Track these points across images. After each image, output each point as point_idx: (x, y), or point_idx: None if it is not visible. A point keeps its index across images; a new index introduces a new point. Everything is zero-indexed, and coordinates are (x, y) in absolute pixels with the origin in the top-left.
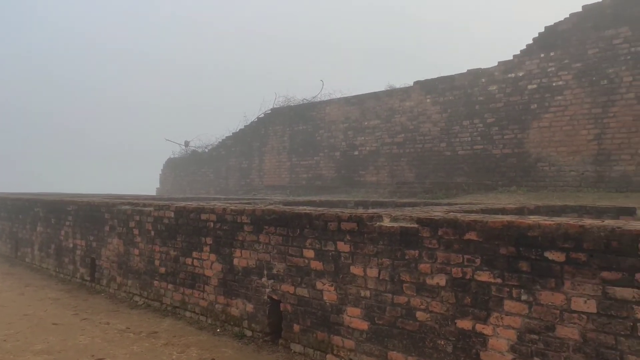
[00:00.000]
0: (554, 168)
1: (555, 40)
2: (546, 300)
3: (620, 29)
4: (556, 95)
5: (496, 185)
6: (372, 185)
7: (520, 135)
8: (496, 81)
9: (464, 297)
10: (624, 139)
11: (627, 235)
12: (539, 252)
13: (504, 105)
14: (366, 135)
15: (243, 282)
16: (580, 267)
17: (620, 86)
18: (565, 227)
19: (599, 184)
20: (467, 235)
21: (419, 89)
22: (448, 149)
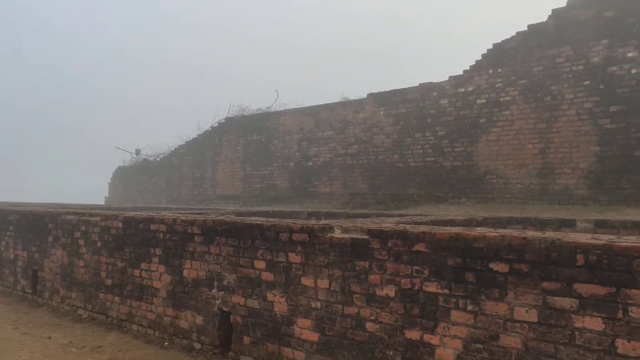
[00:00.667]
0: (502, 180)
1: (503, 57)
2: (491, 310)
3: (562, 49)
4: (504, 110)
5: (447, 197)
6: (326, 196)
7: (469, 148)
8: (447, 95)
9: (413, 307)
10: (566, 153)
11: (565, 246)
12: (485, 263)
13: (454, 119)
14: (320, 146)
15: (193, 293)
16: (523, 277)
17: (562, 103)
18: (509, 238)
19: (543, 197)
20: (416, 247)
21: (372, 101)
22: (400, 161)
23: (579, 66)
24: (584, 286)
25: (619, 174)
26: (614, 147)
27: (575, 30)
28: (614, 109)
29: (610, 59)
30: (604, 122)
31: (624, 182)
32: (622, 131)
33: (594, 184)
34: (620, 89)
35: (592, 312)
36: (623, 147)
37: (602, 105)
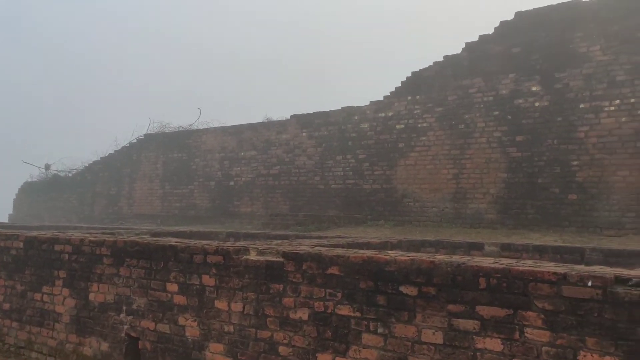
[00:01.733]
0: (418, 204)
1: (421, 85)
2: (400, 333)
3: (474, 80)
4: (421, 136)
5: (366, 219)
6: (247, 216)
7: (388, 171)
8: (368, 119)
9: (325, 330)
10: (478, 179)
11: (469, 270)
12: (395, 287)
13: (374, 143)
14: (242, 166)
15: (99, 318)
16: (431, 300)
17: (475, 131)
18: (418, 262)
19: (456, 220)
20: (330, 270)
21: (295, 122)
22: (322, 183)
23: (489, 97)
24: (485, 308)
25: (524, 200)
26: (520, 175)
27: (486, 64)
28: (520, 138)
29: (517, 92)
30: (511, 150)
31: (528, 207)
32: (527, 159)
33: (502, 208)
34: (526, 120)
35: (492, 333)
36: (528, 175)
37: (509, 134)
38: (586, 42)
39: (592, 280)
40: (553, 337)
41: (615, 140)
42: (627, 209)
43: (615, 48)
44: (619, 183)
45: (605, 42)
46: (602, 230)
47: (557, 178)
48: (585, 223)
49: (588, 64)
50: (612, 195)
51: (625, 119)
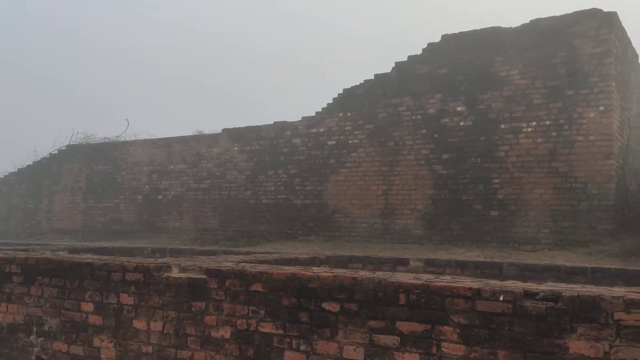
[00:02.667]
0: (348, 219)
1: (352, 102)
2: (322, 350)
3: (404, 98)
4: (352, 152)
5: (297, 234)
6: (175, 231)
7: (319, 187)
8: (300, 135)
9: (248, 349)
10: (406, 195)
11: (390, 286)
12: (318, 303)
13: (306, 158)
14: (171, 180)
15: (7, 340)
16: (352, 316)
17: (403, 148)
18: (341, 279)
19: (385, 236)
20: (254, 287)
21: (227, 136)
22: (253, 197)
23: (417, 115)
24: (405, 324)
25: (450, 216)
26: (446, 191)
27: (414, 83)
28: (446, 156)
29: (443, 112)
30: (437, 167)
31: (453, 223)
32: (452, 177)
33: (429, 224)
34: (451, 139)
35: (411, 348)
36: (453, 192)
37: (436, 152)
38: (506, 66)
39: (504, 295)
40: (467, 350)
41: (532, 160)
42: (543, 225)
43: (532, 73)
44: (536, 200)
45: (523, 67)
46: (520, 245)
47: (480, 195)
48: (505, 238)
49: (508, 87)
50: (530, 212)
51: (541, 140)
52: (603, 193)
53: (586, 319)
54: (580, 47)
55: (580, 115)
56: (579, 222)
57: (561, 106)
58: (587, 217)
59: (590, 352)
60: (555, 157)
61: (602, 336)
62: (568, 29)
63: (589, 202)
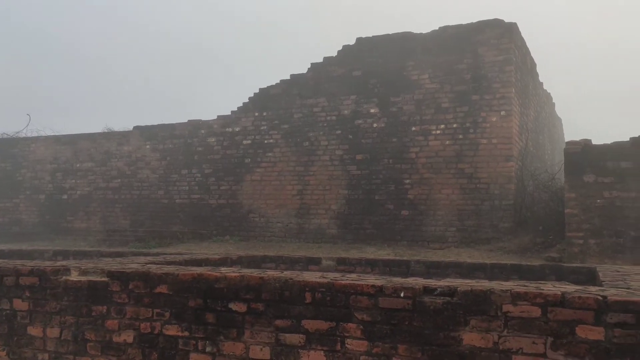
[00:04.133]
0: (263, 219)
1: (268, 101)
2: (228, 351)
3: (319, 99)
4: (267, 152)
5: (211, 234)
6: (82, 233)
7: (235, 187)
8: (215, 134)
9: (152, 353)
10: (320, 195)
11: (296, 285)
12: (225, 304)
13: (221, 157)
14: (78, 178)
15: None
16: (259, 316)
17: (318, 148)
18: (248, 278)
19: (300, 235)
20: (158, 289)
21: (138, 134)
22: (166, 197)
23: (332, 116)
24: (310, 322)
25: (363, 216)
26: (359, 191)
27: (329, 84)
28: (359, 157)
29: (357, 113)
30: (351, 168)
31: (366, 223)
32: (365, 177)
33: (343, 224)
34: (365, 140)
35: (316, 345)
36: (366, 192)
37: (350, 153)
38: (417, 70)
39: (404, 291)
40: (370, 346)
41: (440, 161)
42: (450, 224)
43: (441, 78)
44: (443, 200)
45: (432, 71)
46: (429, 243)
47: (392, 195)
48: (415, 237)
49: (419, 91)
50: (438, 212)
51: (449, 142)
52: (504, 193)
53: (478, 312)
54: (484, 54)
55: (484, 119)
56: (482, 221)
57: (467, 110)
58: (490, 216)
59: (481, 342)
60: (462, 158)
61: (492, 327)
62: (473, 37)
63: (491, 201)
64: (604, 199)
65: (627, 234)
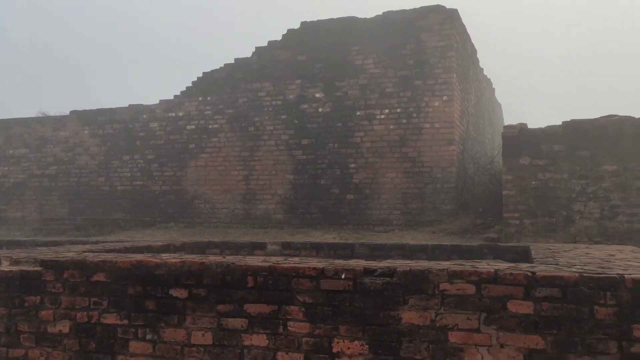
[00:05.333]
0: (209, 205)
1: (212, 86)
2: (169, 337)
3: (264, 83)
4: (212, 137)
5: (155, 221)
6: (17, 222)
7: (179, 173)
8: (157, 119)
9: (89, 342)
10: (267, 180)
11: (238, 270)
12: (165, 290)
13: (164, 143)
14: (11, 166)
15: None
16: (200, 302)
17: (264, 133)
18: (189, 264)
19: (246, 221)
20: (95, 277)
21: (76, 119)
22: (107, 184)
23: (277, 101)
24: (252, 306)
25: (309, 200)
26: (305, 176)
27: (274, 68)
28: (305, 142)
29: (303, 98)
30: (297, 153)
31: (312, 207)
32: (311, 162)
33: (289, 208)
34: (310, 125)
35: (259, 329)
36: (312, 177)
37: (296, 138)
38: (361, 55)
39: (345, 273)
40: (312, 328)
41: (385, 146)
42: (394, 208)
43: (385, 63)
44: (388, 184)
45: (377, 56)
46: (374, 227)
47: (337, 179)
48: (360, 221)
49: (363, 75)
50: (382, 195)
51: (393, 127)
52: (446, 176)
53: (417, 291)
54: (426, 40)
55: (426, 104)
56: (425, 204)
57: (410, 95)
58: (432, 199)
59: (419, 320)
60: (405, 143)
61: (429, 305)
62: (416, 22)
63: (433, 185)
64: (538, 180)
65: (559, 213)
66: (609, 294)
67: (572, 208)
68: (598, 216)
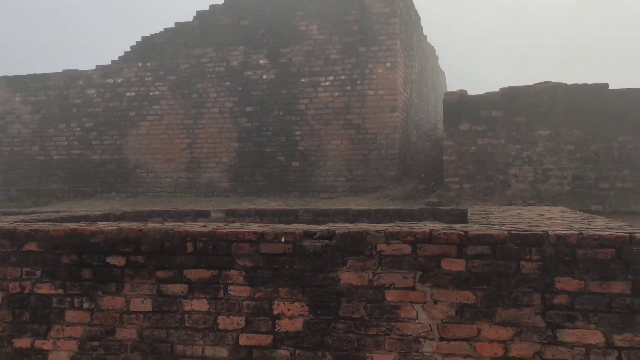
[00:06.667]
0: (152, 175)
1: (152, 51)
2: (107, 305)
3: (206, 49)
4: (153, 105)
5: (95, 192)
6: None
7: (119, 141)
8: (95, 85)
9: (23, 313)
10: (211, 148)
11: (177, 235)
12: (102, 258)
13: (102, 111)
14: None
15: None
16: (139, 269)
17: (207, 101)
18: (126, 231)
19: (191, 190)
20: (27, 246)
21: (5, 85)
22: (41, 154)
23: (220, 68)
24: (192, 271)
25: (254, 168)
26: (250, 144)
27: (217, 34)
28: (249, 109)
29: (246, 64)
30: (242, 120)
31: (257, 175)
32: (256, 129)
33: (234, 177)
34: (255, 92)
35: (199, 294)
36: (257, 144)
37: (240, 105)
38: (305, 21)
39: (285, 236)
40: (252, 291)
41: (329, 113)
42: (339, 174)
43: (329, 29)
44: (333, 151)
45: (321, 22)
46: (319, 193)
47: (283, 147)
48: (306, 188)
49: (307, 42)
50: (327, 162)
51: (338, 94)
52: (389, 143)
53: (355, 252)
54: (370, 6)
55: (370, 71)
56: (369, 170)
57: (355, 62)
58: (377, 165)
59: (357, 281)
60: (350, 110)
61: (367, 266)
62: None
63: (378, 151)
64: (477, 146)
65: (497, 177)
66: (534, 249)
67: (508, 172)
68: (532, 179)
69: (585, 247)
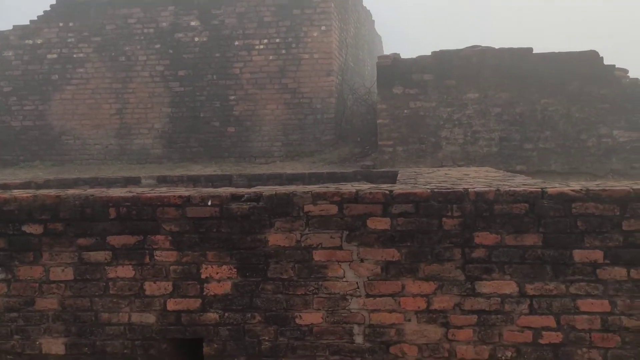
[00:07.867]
0: (79, 141)
1: (74, 11)
2: (25, 275)
3: (133, 9)
4: (78, 68)
5: (17, 160)
6: None
7: (42, 107)
8: (12, 47)
9: None
10: (142, 114)
11: (99, 202)
12: (17, 227)
13: (22, 74)
14: None
15: None
16: (58, 237)
17: (136, 64)
18: (42, 198)
19: (122, 157)
20: None
21: None
22: None
23: (150, 29)
24: (116, 238)
25: (188, 134)
26: (184, 109)
27: None
28: (182, 73)
29: (177, 26)
30: (174, 85)
31: (192, 140)
32: (189, 94)
33: (168, 143)
34: (187, 55)
35: (123, 261)
36: (191, 109)
37: (172, 69)
38: None
39: (212, 199)
40: (180, 256)
41: (264, 77)
42: (275, 139)
43: None
44: (269, 116)
45: None
46: (255, 159)
47: (217, 112)
48: (242, 153)
49: (240, 3)
50: (263, 127)
51: (272, 57)
52: (325, 107)
53: (282, 214)
54: None
55: (305, 34)
56: (305, 135)
57: (289, 25)
58: (313, 130)
59: (285, 242)
60: (285, 74)
61: (294, 227)
62: None
63: (314, 116)
64: (409, 109)
65: (429, 140)
66: (455, 206)
67: (439, 135)
68: (462, 141)
69: (502, 202)
